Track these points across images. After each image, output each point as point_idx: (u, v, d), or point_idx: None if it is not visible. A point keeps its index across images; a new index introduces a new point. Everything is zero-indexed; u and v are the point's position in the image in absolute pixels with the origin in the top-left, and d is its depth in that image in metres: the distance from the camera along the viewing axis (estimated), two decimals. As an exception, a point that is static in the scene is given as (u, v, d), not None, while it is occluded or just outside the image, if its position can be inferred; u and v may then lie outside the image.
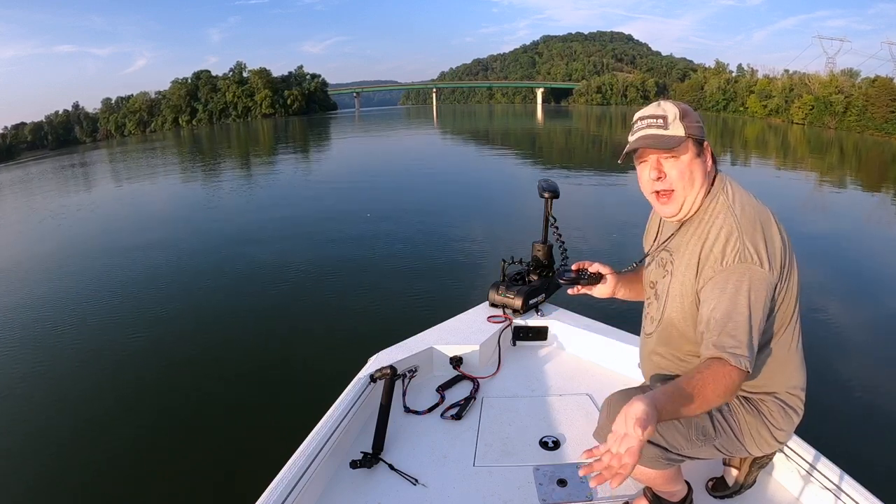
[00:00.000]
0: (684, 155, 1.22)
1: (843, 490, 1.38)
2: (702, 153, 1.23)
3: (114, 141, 78.28)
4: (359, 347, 2.45)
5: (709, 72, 77.30)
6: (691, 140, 1.21)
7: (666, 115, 1.22)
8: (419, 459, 1.72)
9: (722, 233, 1.16)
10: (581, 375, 2.21)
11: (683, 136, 1.20)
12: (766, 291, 1.12)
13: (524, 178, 14.54)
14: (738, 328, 1.09)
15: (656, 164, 1.24)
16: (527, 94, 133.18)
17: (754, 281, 1.11)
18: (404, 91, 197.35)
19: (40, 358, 5.03)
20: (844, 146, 29.06)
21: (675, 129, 1.21)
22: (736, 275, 1.12)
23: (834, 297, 5.72)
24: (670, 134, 1.21)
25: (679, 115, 1.21)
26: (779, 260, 1.14)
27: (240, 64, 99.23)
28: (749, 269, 1.12)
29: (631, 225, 7.39)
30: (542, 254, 2.55)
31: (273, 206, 12.20)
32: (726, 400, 1.11)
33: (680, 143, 1.20)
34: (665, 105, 1.24)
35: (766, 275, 1.12)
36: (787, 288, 1.18)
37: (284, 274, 6.97)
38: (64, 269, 8.28)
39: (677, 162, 1.22)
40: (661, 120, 1.22)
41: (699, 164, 1.22)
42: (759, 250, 1.12)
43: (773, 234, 1.16)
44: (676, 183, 1.23)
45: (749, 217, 1.17)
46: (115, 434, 3.66)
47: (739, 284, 1.11)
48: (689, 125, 1.21)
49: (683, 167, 1.22)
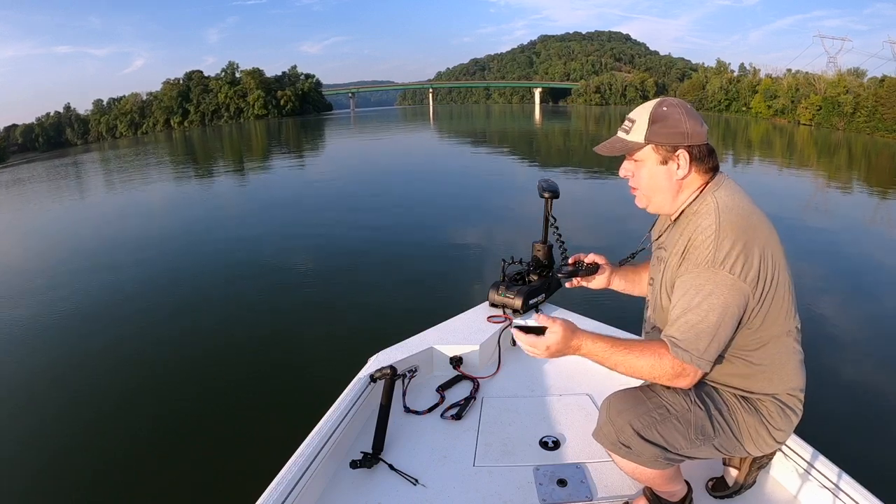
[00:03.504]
0: (646, 161, 1.27)
1: (842, 489, 1.38)
2: (670, 160, 1.24)
3: (105, 143, 77.45)
4: (359, 347, 2.45)
5: (710, 71, 76.85)
6: (654, 146, 1.24)
7: (636, 119, 1.26)
8: (419, 459, 1.72)
9: (702, 234, 1.17)
10: (581, 375, 2.21)
11: (641, 143, 1.25)
12: (732, 297, 1.13)
13: (523, 179, 14.55)
14: (690, 325, 1.14)
15: (625, 164, 1.32)
16: (525, 94, 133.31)
17: (719, 285, 1.13)
18: (401, 91, 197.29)
19: (40, 358, 5.02)
20: (854, 148, 28.85)
21: (636, 135, 1.25)
22: (703, 277, 1.14)
23: (833, 298, 5.73)
24: (628, 139, 1.27)
25: (649, 121, 1.23)
26: (756, 266, 1.14)
27: (232, 64, 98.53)
28: (716, 273, 1.13)
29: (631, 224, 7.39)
30: (542, 254, 2.55)
31: (272, 207, 12.20)
32: (657, 381, 1.21)
33: (636, 150, 1.26)
34: (645, 108, 1.26)
35: (735, 281, 1.13)
36: (774, 293, 1.18)
37: (284, 274, 6.96)
38: (63, 270, 8.26)
39: (640, 165, 1.28)
40: (630, 124, 1.27)
41: (662, 172, 1.26)
42: (731, 256, 1.13)
43: (755, 241, 1.15)
44: (640, 183, 1.30)
45: (731, 222, 1.16)
46: (115, 434, 3.66)
47: (702, 286, 1.14)
48: (657, 132, 1.22)
49: (644, 171, 1.28)
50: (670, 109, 1.23)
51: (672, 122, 1.22)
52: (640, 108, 1.28)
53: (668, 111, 1.23)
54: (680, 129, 1.22)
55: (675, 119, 1.22)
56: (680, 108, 1.23)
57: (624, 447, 1.25)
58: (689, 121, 1.22)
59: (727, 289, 1.12)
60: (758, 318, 1.19)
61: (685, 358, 1.14)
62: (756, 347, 1.23)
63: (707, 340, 1.14)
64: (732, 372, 1.26)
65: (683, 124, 1.22)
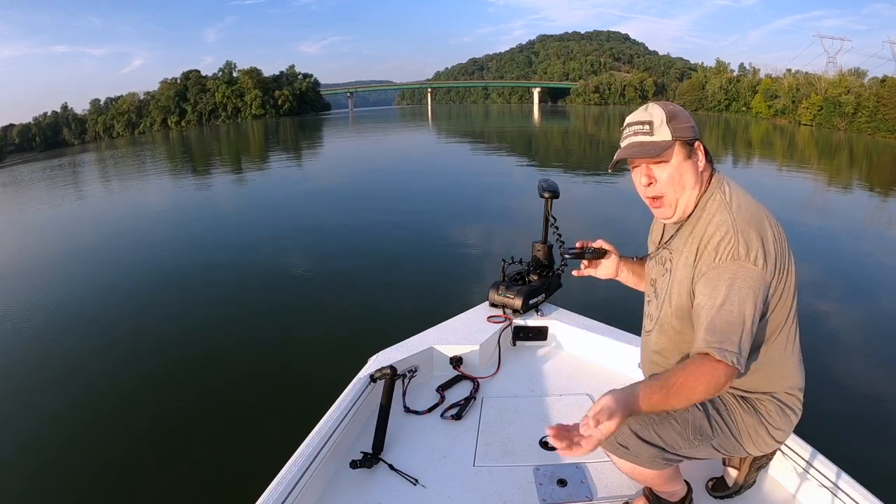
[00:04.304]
0: (673, 159, 1.22)
1: (841, 488, 1.39)
2: (692, 154, 1.23)
3: (102, 143, 77.02)
4: (359, 347, 2.46)
5: (710, 71, 76.66)
6: (679, 142, 1.21)
7: (652, 119, 1.22)
8: (419, 459, 1.72)
9: (718, 230, 1.16)
10: (581, 375, 2.22)
11: (670, 140, 1.20)
12: (759, 289, 1.11)
13: (523, 179, 14.54)
14: (727, 325, 1.09)
15: (646, 171, 1.25)
16: (523, 93, 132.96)
17: (747, 279, 1.11)
18: (399, 91, 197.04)
19: (40, 359, 5.02)
20: (855, 148, 28.78)
21: (661, 133, 1.21)
22: (729, 272, 1.12)
23: (832, 298, 5.74)
24: (656, 140, 1.21)
25: (666, 119, 1.21)
26: (773, 258, 1.14)
27: (229, 63, 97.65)
28: (742, 266, 1.12)
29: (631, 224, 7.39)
30: (542, 254, 2.55)
31: (270, 207, 12.19)
32: (712, 395, 1.12)
33: (667, 149, 1.21)
34: (652, 108, 1.24)
35: (760, 273, 1.12)
36: (784, 287, 1.18)
37: (284, 275, 6.96)
38: (62, 270, 8.26)
39: (667, 166, 1.23)
40: (648, 126, 1.22)
41: (689, 166, 1.23)
42: (753, 248, 1.12)
43: (768, 232, 1.16)
44: (666, 187, 1.24)
45: (745, 215, 1.17)
46: (115, 434, 3.66)
47: (732, 282, 1.11)
48: (677, 127, 1.21)
49: (673, 171, 1.22)
50: (674, 107, 1.24)
51: (684, 117, 1.24)
52: (642, 111, 1.26)
53: (674, 108, 1.24)
54: (691, 123, 1.24)
55: (684, 114, 1.24)
56: (677, 105, 1.26)
57: (622, 448, 1.25)
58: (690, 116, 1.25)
59: (754, 281, 1.11)
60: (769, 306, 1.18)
61: (732, 360, 1.07)
62: (755, 346, 1.22)
63: (745, 337, 1.09)
64: None
65: (691, 118, 1.24)
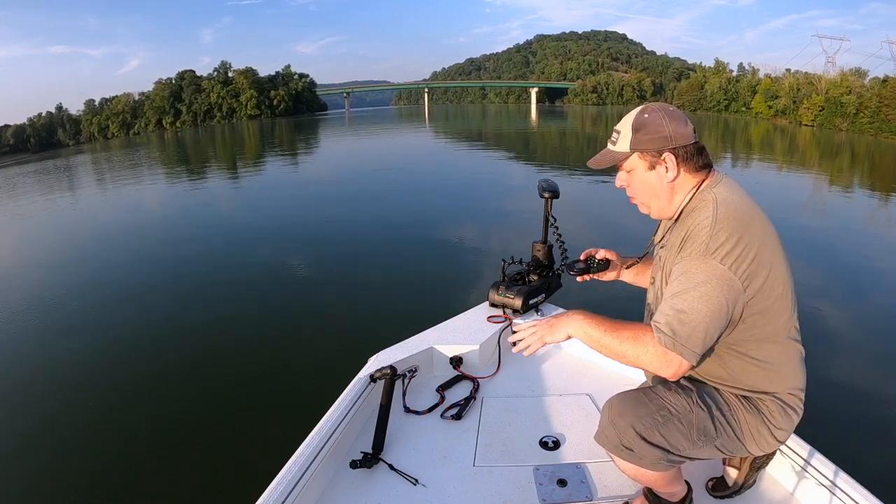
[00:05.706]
0: (635, 169, 1.30)
1: (840, 487, 1.39)
2: (657, 165, 1.26)
3: (97, 144, 76.54)
4: (359, 347, 2.45)
5: (708, 71, 76.56)
6: (639, 154, 1.27)
7: (621, 130, 1.29)
8: (419, 459, 1.72)
9: (697, 226, 1.18)
10: (581, 375, 2.22)
11: (626, 153, 1.28)
12: (721, 288, 1.12)
13: (522, 179, 14.56)
14: (673, 311, 1.13)
15: (621, 176, 1.35)
16: (521, 93, 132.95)
17: (709, 275, 1.12)
18: (396, 91, 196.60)
19: (39, 359, 5.01)
20: (857, 149, 28.75)
21: (622, 145, 1.28)
22: (694, 265, 1.14)
23: (833, 298, 5.75)
24: (615, 150, 1.30)
25: (633, 130, 1.26)
26: (748, 261, 1.13)
27: (224, 63, 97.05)
28: (707, 262, 1.13)
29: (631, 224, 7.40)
30: (542, 254, 2.55)
31: (270, 208, 12.17)
32: (637, 366, 1.20)
33: (622, 160, 1.30)
34: (629, 118, 1.29)
35: (725, 272, 1.12)
36: (771, 289, 1.17)
37: (284, 274, 6.96)
38: (61, 270, 8.24)
39: (632, 174, 1.32)
40: (616, 135, 1.30)
41: (653, 177, 1.28)
42: (724, 247, 1.13)
43: (750, 235, 1.15)
44: (637, 192, 1.34)
45: (727, 215, 1.17)
46: (115, 434, 3.65)
47: (693, 274, 1.14)
48: (641, 139, 1.25)
49: (636, 180, 1.31)
50: (651, 115, 1.26)
51: (653, 128, 1.25)
52: (625, 118, 1.31)
53: (648, 118, 1.26)
54: (662, 133, 1.24)
55: (657, 124, 1.24)
56: (660, 113, 1.25)
57: (627, 450, 1.25)
58: (670, 123, 1.24)
59: (717, 279, 1.12)
60: (755, 316, 1.18)
61: (667, 343, 1.11)
62: (756, 346, 1.23)
63: (691, 327, 1.11)
64: (733, 371, 1.27)
65: (665, 128, 1.24)
